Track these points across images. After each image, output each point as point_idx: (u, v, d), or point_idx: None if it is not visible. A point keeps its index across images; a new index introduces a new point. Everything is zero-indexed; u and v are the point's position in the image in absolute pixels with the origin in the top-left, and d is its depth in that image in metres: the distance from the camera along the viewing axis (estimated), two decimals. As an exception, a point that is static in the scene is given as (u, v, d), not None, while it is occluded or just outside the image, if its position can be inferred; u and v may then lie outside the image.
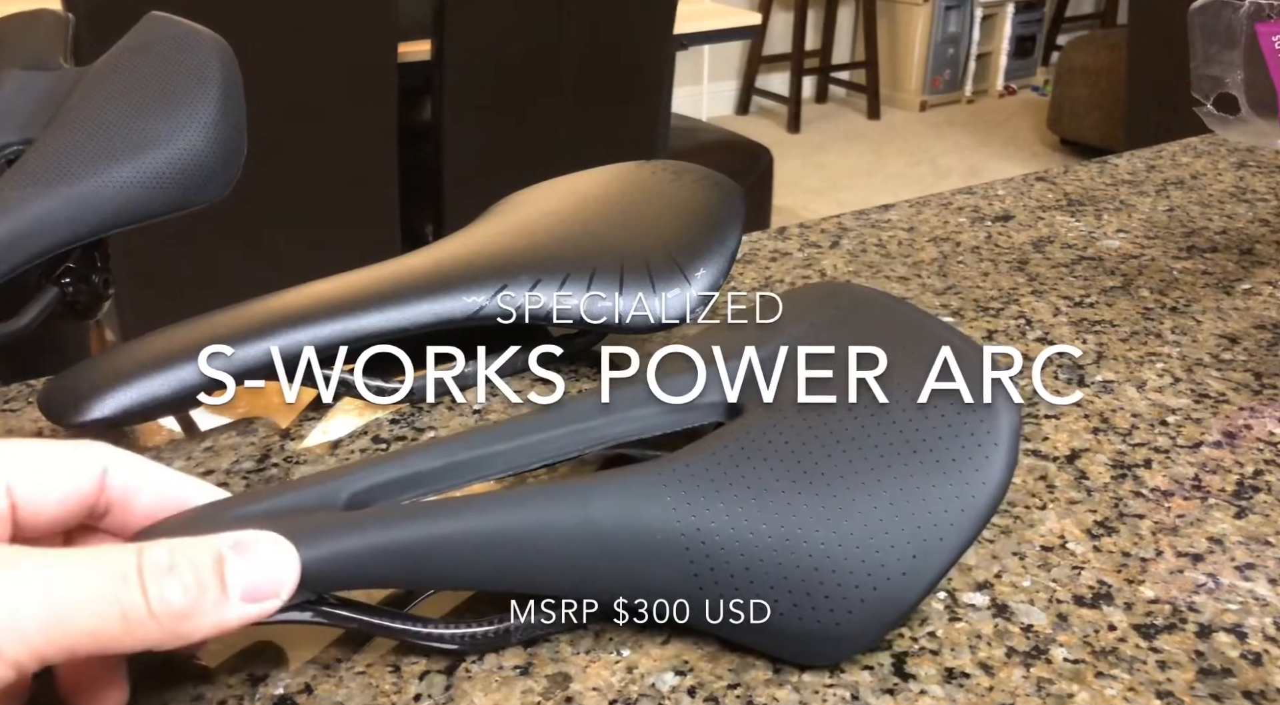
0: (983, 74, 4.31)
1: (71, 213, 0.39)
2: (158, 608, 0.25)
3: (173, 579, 0.25)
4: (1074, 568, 0.36)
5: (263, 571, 0.27)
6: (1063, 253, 0.61)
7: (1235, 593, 0.35)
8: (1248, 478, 0.41)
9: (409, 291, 0.42)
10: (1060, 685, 0.31)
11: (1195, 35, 0.52)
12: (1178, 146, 0.80)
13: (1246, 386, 0.48)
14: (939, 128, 3.98)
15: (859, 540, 0.30)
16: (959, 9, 4.15)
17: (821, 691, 0.31)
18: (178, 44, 0.41)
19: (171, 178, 0.40)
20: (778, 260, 0.60)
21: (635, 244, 0.46)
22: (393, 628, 0.31)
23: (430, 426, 0.44)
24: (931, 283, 0.57)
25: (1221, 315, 0.54)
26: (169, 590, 0.25)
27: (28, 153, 0.39)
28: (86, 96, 0.40)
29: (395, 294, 0.42)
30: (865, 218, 0.66)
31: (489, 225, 0.49)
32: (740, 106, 4.10)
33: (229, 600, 0.26)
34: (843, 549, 0.30)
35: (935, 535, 0.30)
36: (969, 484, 0.31)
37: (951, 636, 0.33)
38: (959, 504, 0.30)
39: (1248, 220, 0.66)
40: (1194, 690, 0.31)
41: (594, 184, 0.52)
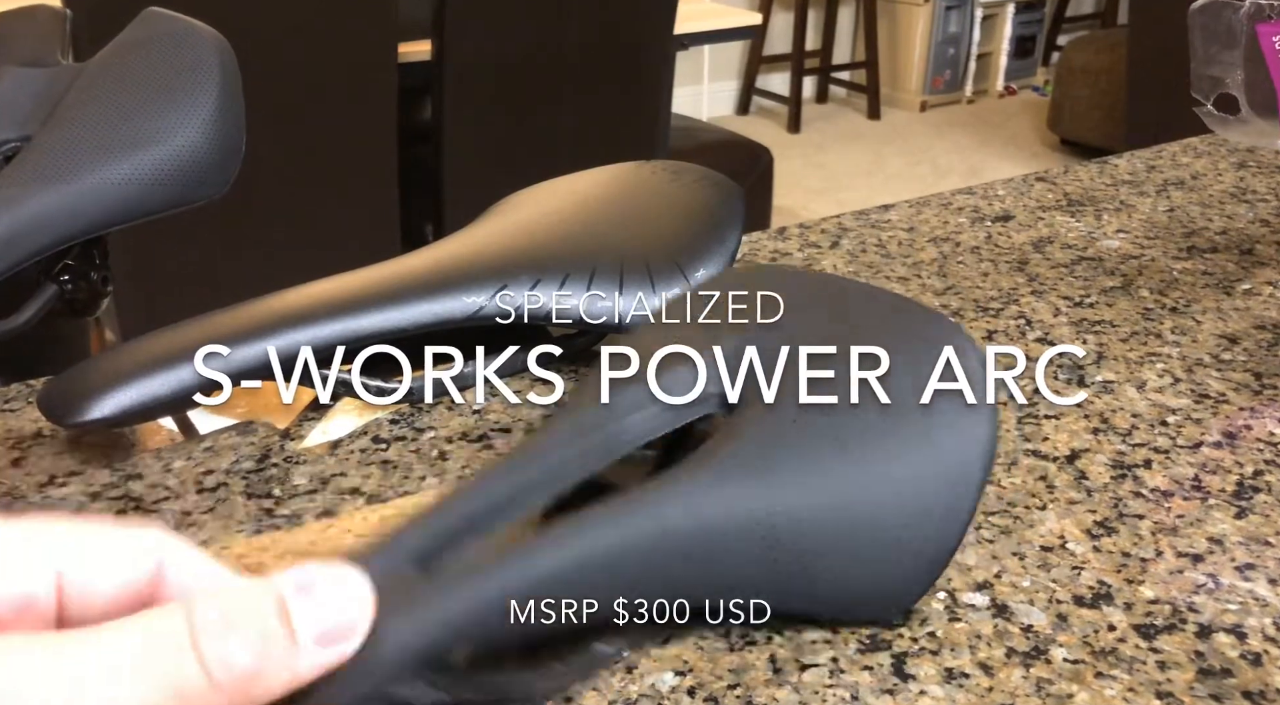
0: (983, 74, 4.31)
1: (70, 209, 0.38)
2: (220, 675, 0.21)
3: (233, 636, 0.22)
4: (1074, 568, 0.36)
5: (334, 608, 0.23)
6: (1063, 253, 0.61)
7: (1235, 593, 0.35)
8: (1248, 478, 0.41)
9: (408, 292, 0.42)
10: (1060, 685, 0.31)
11: (1195, 35, 0.52)
12: (1178, 147, 0.79)
13: (1246, 387, 0.48)
14: (939, 128, 3.98)
15: (898, 501, 0.32)
16: (959, 9, 4.14)
17: (821, 692, 0.31)
18: (176, 40, 0.41)
19: (170, 174, 0.40)
20: (778, 260, 0.60)
21: (635, 244, 0.46)
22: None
23: (430, 427, 0.44)
24: (931, 283, 0.57)
25: (1221, 316, 0.54)
26: (231, 650, 0.21)
27: (26, 149, 0.39)
28: (84, 93, 0.40)
29: (394, 294, 0.42)
30: (865, 218, 0.66)
31: (489, 225, 0.49)
32: (740, 106, 4.10)
33: (300, 647, 0.22)
34: (887, 509, 0.32)
35: (952, 491, 0.32)
36: (960, 446, 0.32)
37: (951, 636, 0.33)
38: (960, 466, 0.32)
39: (1248, 221, 0.66)
40: (1194, 690, 0.31)
41: (594, 184, 0.52)
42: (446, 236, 0.48)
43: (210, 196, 0.42)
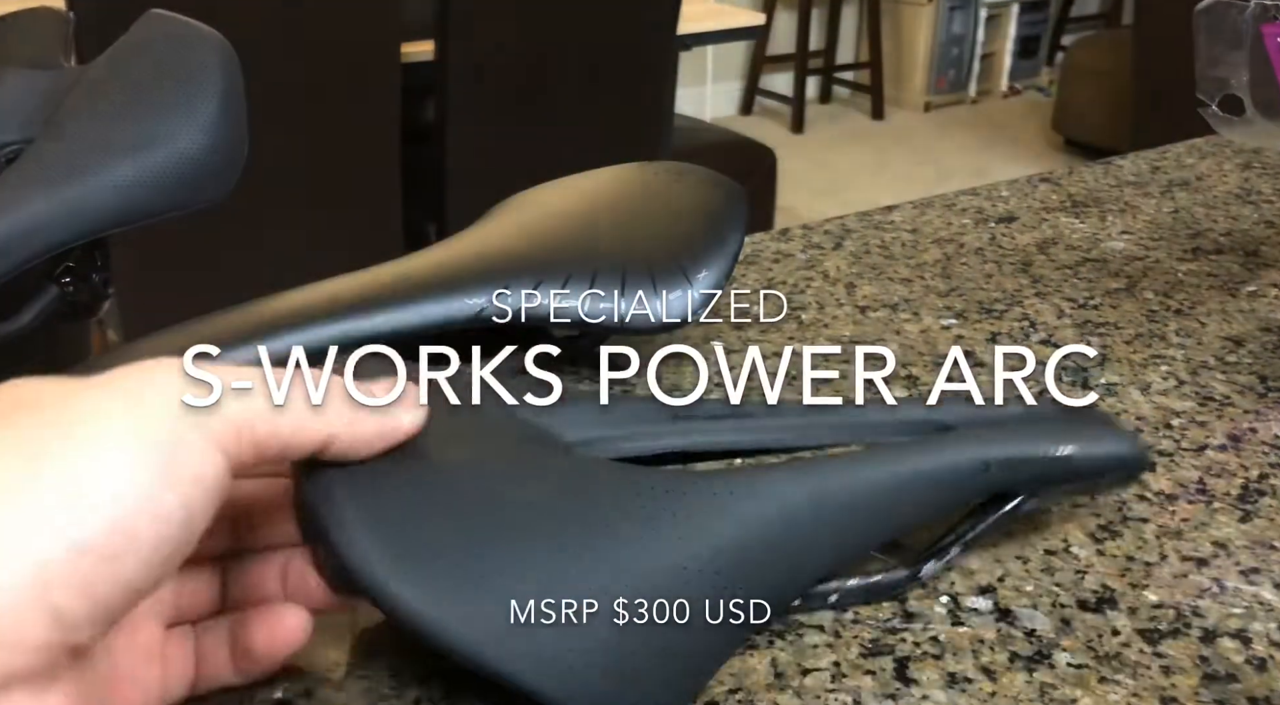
0: (987, 74, 4.30)
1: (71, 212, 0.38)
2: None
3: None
4: (1077, 572, 0.36)
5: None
6: (1067, 254, 0.61)
7: (1240, 597, 0.35)
8: (1253, 481, 0.41)
9: (409, 293, 0.42)
10: (1063, 690, 0.31)
11: (1200, 36, 0.52)
12: (1182, 148, 0.79)
13: (1251, 389, 0.47)
14: (943, 128, 3.98)
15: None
16: (963, 9, 4.14)
17: (823, 696, 0.31)
18: (178, 42, 0.41)
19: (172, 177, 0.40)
20: (780, 261, 0.60)
21: (638, 245, 0.46)
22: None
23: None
24: (935, 284, 0.57)
25: (1226, 318, 0.54)
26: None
27: (27, 152, 0.39)
28: (86, 95, 0.40)
29: (396, 296, 0.42)
30: (868, 219, 0.66)
31: (491, 226, 0.49)
32: (744, 107, 4.09)
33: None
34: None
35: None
36: None
37: (954, 641, 0.33)
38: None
39: (1253, 222, 0.66)
40: (1198, 696, 0.31)
41: (597, 185, 0.52)
42: (448, 238, 0.48)
43: (213, 200, 0.42)
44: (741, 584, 0.30)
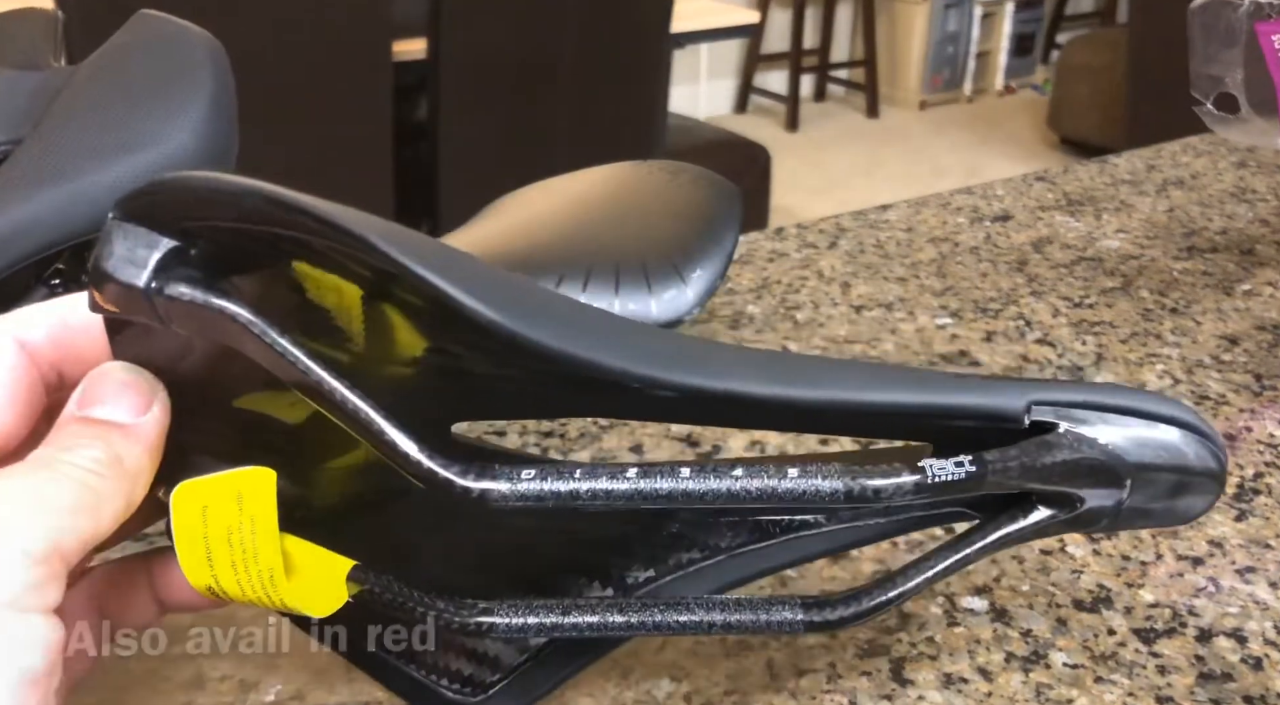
0: (982, 73, 4.30)
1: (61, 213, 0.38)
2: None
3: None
4: (1073, 572, 0.36)
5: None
6: (1062, 253, 0.61)
7: (1236, 596, 0.35)
8: (1248, 480, 0.41)
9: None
10: (1059, 690, 0.31)
11: (1195, 34, 0.52)
12: (1177, 146, 0.79)
13: (1247, 388, 0.47)
14: (938, 127, 3.98)
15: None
16: (958, 7, 4.14)
17: (819, 698, 0.31)
18: (168, 42, 0.41)
19: (163, 178, 0.40)
20: (775, 261, 0.59)
21: (631, 244, 0.45)
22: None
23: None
24: (930, 283, 0.57)
25: (1222, 316, 0.54)
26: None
27: (16, 152, 0.39)
28: (76, 95, 0.40)
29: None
30: (863, 218, 0.66)
31: (483, 226, 0.49)
32: (738, 105, 4.09)
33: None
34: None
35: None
36: None
37: (950, 641, 0.33)
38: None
39: (1248, 220, 0.66)
40: (1194, 695, 0.31)
41: (590, 184, 0.51)
42: (440, 237, 0.47)
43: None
44: None
